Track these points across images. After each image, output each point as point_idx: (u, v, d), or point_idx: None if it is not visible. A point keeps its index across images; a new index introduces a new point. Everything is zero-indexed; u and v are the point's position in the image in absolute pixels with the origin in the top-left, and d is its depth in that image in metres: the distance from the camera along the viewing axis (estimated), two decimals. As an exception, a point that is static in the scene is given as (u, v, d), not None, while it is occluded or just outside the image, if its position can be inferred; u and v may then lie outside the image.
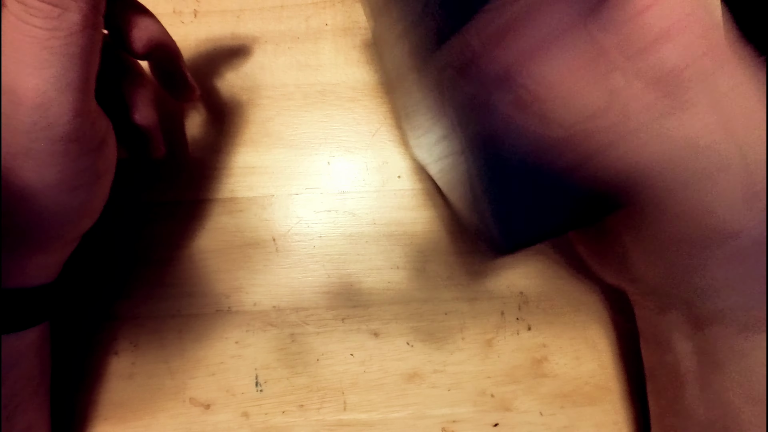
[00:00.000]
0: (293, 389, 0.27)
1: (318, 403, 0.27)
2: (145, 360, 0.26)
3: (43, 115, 0.16)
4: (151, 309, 0.27)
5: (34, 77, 0.15)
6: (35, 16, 0.15)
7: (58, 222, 0.19)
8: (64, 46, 0.15)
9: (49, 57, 0.15)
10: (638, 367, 0.27)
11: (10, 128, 0.16)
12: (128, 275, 0.27)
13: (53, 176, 0.17)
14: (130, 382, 0.26)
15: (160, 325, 0.27)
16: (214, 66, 0.29)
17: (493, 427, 0.27)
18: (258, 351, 0.27)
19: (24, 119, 0.16)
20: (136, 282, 0.27)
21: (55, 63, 0.15)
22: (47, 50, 0.15)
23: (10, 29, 0.15)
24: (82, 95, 0.17)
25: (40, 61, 0.15)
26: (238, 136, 0.28)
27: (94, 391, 0.26)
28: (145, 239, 0.27)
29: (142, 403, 0.26)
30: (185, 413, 0.26)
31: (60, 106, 0.16)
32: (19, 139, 0.16)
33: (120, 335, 0.27)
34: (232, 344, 0.27)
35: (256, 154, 0.28)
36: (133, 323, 0.27)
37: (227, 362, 0.27)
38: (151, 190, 0.27)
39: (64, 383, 0.25)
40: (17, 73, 0.15)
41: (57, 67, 0.15)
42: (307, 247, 0.27)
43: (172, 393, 0.26)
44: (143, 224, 0.27)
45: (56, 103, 0.16)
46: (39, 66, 0.15)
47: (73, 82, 0.16)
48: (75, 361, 0.26)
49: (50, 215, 0.18)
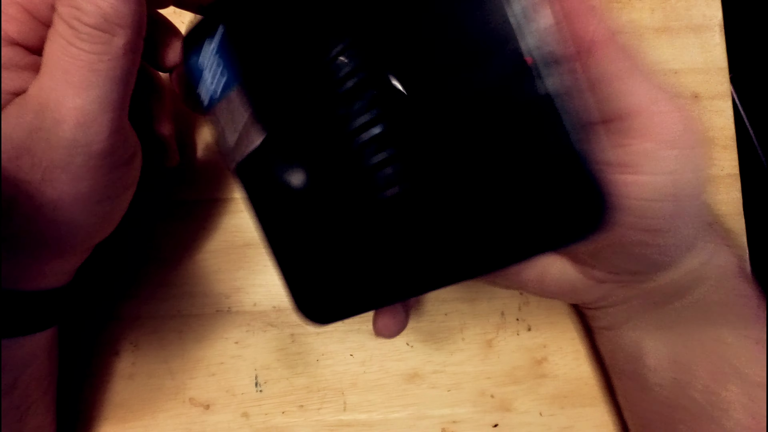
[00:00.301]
0: (293, 389, 0.27)
1: (318, 404, 0.27)
2: (145, 360, 0.26)
3: (84, 133, 0.16)
4: (152, 309, 0.27)
5: (79, 97, 0.16)
6: (85, 41, 0.15)
7: (84, 231, 0.19)
8: (109, 69, 0.16)
9: (94, 79, 0.16)
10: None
11: (50, 143, 0.16)
12: (128, 275, 0.27)
13: (86, 188, 0.18)
14: (131, 382, 0.26)
15: (160, 325, 0.27)
16: (215, 66, 0.29)
17: (493, 428, 0.27)
18: (258, 351, 0.27)
19: (66, 135, 0.16)
20: (136, 282, 0.27)
21: (99, 84, 0.16)
22: (94, 73, 0.16)
23: (59, 51, 0.16)
24: (120, 114, 0.17)
25: (86, 82, 0.16)
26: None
27: (94, 391, 0.26)
28: (145, 240, 0.27)
29: (142, 403, 0.26)
30: (185, 413, 0.26)
31: (100, 125, 0.17)
32: (58, 154, 0.16)
33: (120, 335, 0.27)
34: (232, 344, 0.27)
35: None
36: (133, 323, 0.27)
37: (227, 362, 0.27)
38: (151, 191, 0.27)
39: (65, 383, 0.25)
40: (62, 92, 0.16)
41: (101, 88, 0.16)
42: (307, 248, 0.27)
43: (172, 393, 0.26)
44: (143, 225, 0.27)
45: (97, 122, 0.17)
46: (84, 87, 0.16)
47: (114, 102, 0.17)
48: (75, 361, 0.26)
49: (78, 224, 0.19)
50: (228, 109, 0.18)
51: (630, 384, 0.23)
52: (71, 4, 0.15)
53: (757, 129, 0.62)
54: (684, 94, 0.28)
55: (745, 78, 0.61)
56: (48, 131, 0.16)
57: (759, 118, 0.62)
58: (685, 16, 0.29)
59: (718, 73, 0.28)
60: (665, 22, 0.29)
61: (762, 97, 0.61)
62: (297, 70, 0.16)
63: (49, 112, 0.16)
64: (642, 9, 0.29)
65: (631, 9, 0.29)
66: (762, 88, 0.61)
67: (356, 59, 0.15)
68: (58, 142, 0.16)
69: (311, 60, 0.16)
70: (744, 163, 0.28)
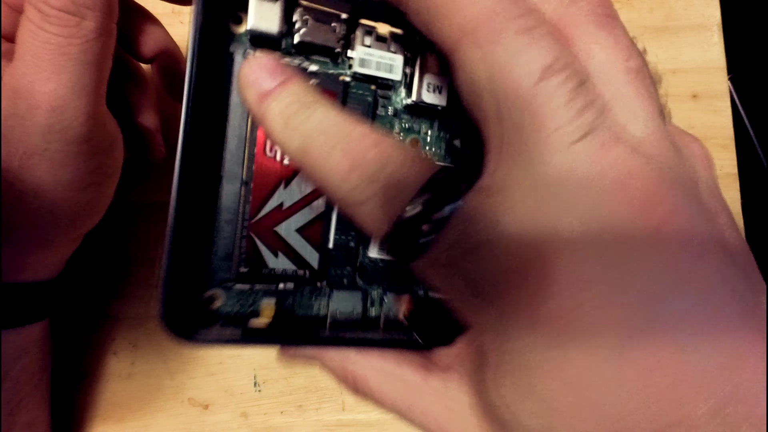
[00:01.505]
0: (292, 389, 0.27)
1: (317, 403, 0.27)
2: (144, 360, 0.26)
3: (59, 118, 0.16)
4: (150, 309, 0.27)
5: (51, 82, 0.16)
6: (53, 24, 0.15)
7: (67, 219, 0.19)
8: (80, 53, 0.16)
9: (65, 63, 0.16)
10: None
11: (26, 129, 0.16)
12: (128, 275, 0.27)
13: (66, 175, 0.18)
14: (129, 382, 0.26)
15: (159, 326, 0.27)
16: (213, 66, 0.29)
17: None
18: (257, 351, 0.27)
19: (40, 121, 0.16)
20: (135, 282, 0.27)
21: (71, 68, 0.16)
22: (64, 56, 0.16)
23: (29, 36, 0.16)
24: (96, 99, 0.17)
25: (58, 66, 0.16)
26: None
27: (93, 391, 0.26)
28: (144, 239, 0.27)
29: (141, 403, 0.26)
30: (184, 413, 0.26)
31: (75, 110, 0.17)
32: (34, 140, 0.16)
33: (119, 335, 0.27)
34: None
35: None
36: (132, 323, 0.27)
37: (226, 362, 0.27)
38: (150, 189, 0.27)
39: (64, 383, 0.25)
40: (34, 77, 0.16)
41: (73, 72, 0.16)
42: (306, 247, 0.27)
43: (171, 393, 0.26)
44: (142, 224, 0.27)
45: (72, 106, 0.16)
46: (56, 71, 0.16)
47: (87, 86, 0.17)
48: (74, 361, 0.26)
49: (60, 212, 0.18)
50: None
51: None
52: None
53: (756, 128, 0.62)
54: (683, 94, 0.28)
55: (744, 77, 0.61)
56: (23, 117, 0.16)
57: (758, 117, 0.62)
58: (684, 16, 0.29)
59: (717, 73, 0.28)
60: (664, 22, 0.29)
61: (761, 97, 0.61)
62: None
63: (23, 99, 0.16)
64: (641, 8, 0.29)
65: (631, 8, 0.29)
66: (761, 87, 0.61)
67: None
68: (34, 129, 0.16)
69: None
70: (743, 162, 0.28)
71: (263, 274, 0.17)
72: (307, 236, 0.17)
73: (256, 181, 0.16)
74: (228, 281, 0.17)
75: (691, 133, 0.13)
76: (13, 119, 0.16)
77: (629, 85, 0.11)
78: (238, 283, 0.17)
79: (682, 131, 0.13)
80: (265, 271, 0.17)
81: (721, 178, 0.28)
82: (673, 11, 0.29)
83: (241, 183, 0.16)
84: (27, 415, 0.22)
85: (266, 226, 0.17)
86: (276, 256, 0.17)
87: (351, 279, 0.18)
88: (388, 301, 0.18)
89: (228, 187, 0.16)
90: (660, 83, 0.28)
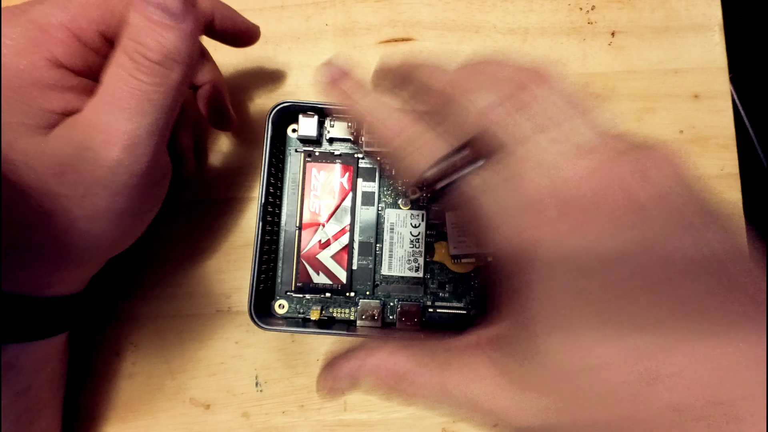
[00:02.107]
0: (293, 389, 0.27)
1: (318, 404, 0.27)
2: (145, 360, 0.26)
3: (129, 155, 0.18)
4: (152, 309, 0.27)
5: (131, 123, 0.17)
6: (145, 74, 0.17)
7: (110, 243, 0.20)
8: (162, 99, 0.17)
9: (148, 107, 0.17)
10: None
11: (97, 162, 0.17)
12: (128, 276, 0.27)
13: (121, 205, 0.19)
14: (131, 382, 0.26)
15: (160, 326, 0.27)
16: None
17: (493, 428, 0.27)
18: (258, 351, 0.27)
19: (112, 156, 0.17)
20: (136, 282, 0.27)
21: (152, 113, 0.17)
22: (148, 102, 0.17)
23: (117, 79, 0.17)
24: (163, 139, 0.19)
25: (140, 110, 0.17)
26: (238, 135, 0.28)
27: (94, 391, 0.26)
28: (145, 240, 0.27)
29: (142, 403, 0.26)
30: (185, 413, 0.26)
31: (145, 148, 0.18)
32: (102, 173, 0.18)
33: (120, 335, 0.27)
34: (232, 344, 0.27)
35: (256, 153, 0.28)
36: (133, 323, 0.27)
37: (227, 362, 0.27)
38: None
39: (66, 383, 0.25)
40: (116, 116, 0.17)
41: (153, 116, 0.17)
42: (307, 248, 0.27)
43: (172, 393, 0.26)
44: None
45: (143, 145, 0.18)
46: (138, 114, 0.17)
47: (160, 128, 0.18)
48: (76, 361, 0.26)
49: (106, 237, 0.20)
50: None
51: None
52: (136, 40, 0.16)
53: (756, 129, 0.62)
54: (685, 94, 0.28)
55: (745, 78, 0.61)
56: (96, 151, 0.17)
57: (759, 117, 0.62)
58: (685, 16, 0.29)
59: (718, 73, 0.28)
60: (665, 22, 0.29)
61: (762, 97, 0.61)
62: None
63: (99, 134, 0.17)
64: (642, 8, 0.29)
65: (632, 8, 0.29)
66: (762, 87, 0.61)
67: None
68: (105, 162, 0.17)
69: None
70: (744, 162, 0.28)
71: (310, 287, 0.25)
72: (337, 260, 0.25)
73: (304, 227, 0.26)
74: (289, 292, 0.26)
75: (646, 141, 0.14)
76: (86, 152, 0.17)
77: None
78: (295, 293, 0.26)
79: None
80: (312, 285, 0.25)
81: (722, 178, 0.28)
82: (675, 11, 0.29)
83: (296, 228, 0.26)
84: (45, 422, 0.22)
85: (311, 255, 0.26)
86: (318, 275, 0.25)
87: (371, 290, 0.26)
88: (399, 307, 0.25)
89: (288, 231, 0.26)
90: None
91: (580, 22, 0.29)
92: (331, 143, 0.26)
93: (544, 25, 0.29)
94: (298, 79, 0.29)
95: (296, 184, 0.26)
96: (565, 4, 0.29)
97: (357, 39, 0.29)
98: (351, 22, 0.29)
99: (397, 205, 0.26)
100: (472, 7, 0.29)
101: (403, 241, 0.26)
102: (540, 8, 0.29)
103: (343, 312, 0.26)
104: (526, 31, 0.29)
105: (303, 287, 0.25)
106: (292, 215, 0.26)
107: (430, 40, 0.29)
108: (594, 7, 0.29)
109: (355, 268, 0.26)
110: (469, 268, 0.25)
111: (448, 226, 0.24)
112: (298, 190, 0.26)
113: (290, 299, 0.26)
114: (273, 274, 0.26)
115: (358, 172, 0.26)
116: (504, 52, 0.17)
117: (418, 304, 0.25)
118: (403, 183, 0.23)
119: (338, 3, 0.29)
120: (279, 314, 0.26)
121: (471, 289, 0.26)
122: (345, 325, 0.25)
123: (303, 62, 0.29)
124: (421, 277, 0.26)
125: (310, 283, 0.25)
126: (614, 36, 0.29)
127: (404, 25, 0.29)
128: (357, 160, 0.26)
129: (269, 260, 0.25)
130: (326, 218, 0.25)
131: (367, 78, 0.19)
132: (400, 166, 0.16)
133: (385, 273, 0.26)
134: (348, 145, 0.26)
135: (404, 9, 0.29)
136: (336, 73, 0.18)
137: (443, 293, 0.26)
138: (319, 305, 0.26)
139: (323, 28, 0.29)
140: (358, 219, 0.26)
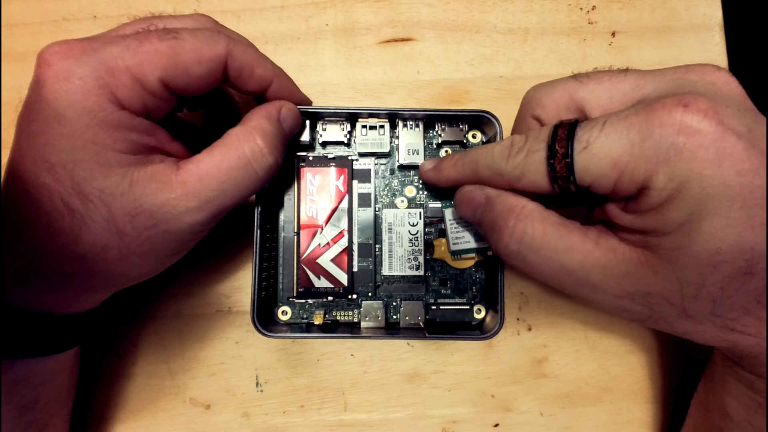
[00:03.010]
0: (294, 389, 0.27)
1: (318, 404, 0.27)
2: (145, 360, 0.26)
3: (205, 224, 0.20)
4: (152, 309, 0.27)
5: (196, 215, 0.19)
6: (257, 163, 0.20)
7: (146, 276, 0.21)
8: (251, 187, 0.20)
9: (234, 191, 0.20)
10: (637, 368, 0.27)
11: (178, 218, 0.19)
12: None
13: (174, 250, 0.21)
14: (131, 382, 0.26)
15: (160, 326, 0.27)
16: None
17: (494, 428, 0.27)
18: (258, 351, 0.27)
19: (195, 220, 0.19)
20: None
21: (235, 196, 0.20)
22: (236, 186, 0.20)
23: (221, 160, 0.19)
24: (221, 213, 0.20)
25: (207, 200, 0.19)
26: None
27: (94, 391, 0.26)
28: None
29: (142, 403, 0.26)
30: (185, 413, 0.26)
31: (217, 219, 0.20)
32: (177, 227, 0.19)
33: (120, 335, 0.27)
34: (232, 344, 0.27)
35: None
36: (133, 323, 0.27)
37: (227, 362, 0.27)
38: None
39: (75, 394, 0.25)
40: (184, 210, 0.19)
41: (235, 199, 0.20)
42: (307, 248, 0.27)
43: (172, 393, 0.26)
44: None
45: (218, 217, 0.20)
46: (206, 202, 0.19)
47: (226, 209, 0.20)
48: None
49: (146, 274, 0.21)
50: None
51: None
52: (265, 117, 0.21)
53: (756, 129, 0.62)
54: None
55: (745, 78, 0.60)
56: (179, 210, 0.19)
57: (759, 117, 0.62)
58: (686, 16, 0.29)
59: (718, 73, 0.28)
60: (665, 22, 0.29)
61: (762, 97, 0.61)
62: None
63: (192, 199, 0.19)
64: (642, 9, 0.29)
65: (632, 8, 0.29)
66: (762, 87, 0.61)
67: None
68: (183, 220, 0.19)
69: None
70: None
71: (312, 292, 0.25)
72: (337, 263, 0.25)
73: (302, 232, 0.25)
74: (291, 298, 0.25)
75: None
76: (170, 207, 0.19)
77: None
78: (298, 299, 0.25)
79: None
80: (314, 290, 0.25)
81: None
82: (675, 11, 0.29)
83: (294, 233, 0.25)
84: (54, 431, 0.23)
85: (311, 259, 0.25)
86: (319, 279, 0.25)
87: (373, 292, 0.26)
88: (404, 308, 0.25)
89: (286, 237, 0.26)
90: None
91: (580, 22, 0.29)
92: (324, 147, 0.26)
93: (544, 25, 0.29)
94: (298, 79, 0.29)
95: (292, 190, 0.26)
96: (565, 4, 0.29)
97: (357, 39, 0.29)
98: (351, 22, 0.29)
99: (394, 204, 0.26)
100: (472, 7, 0.29)
101: (402, 241, 0.26)
102: (540, 8, 0.29)
103: (347, 315, 0.26)
104: (526, 31, 0.29)
105: (305, 292, 0.25)
106: (290, 221, 0.26)
107: (430, 40, 0.29)
108: (594, 7, 0.29)
109: (356, 270, 0.25)
110: (470, 264, 0.25)
111: (446, 223, 0.24)
112: (294, 196, 0.25)
113: (293, 305, 0.26)
114: (274, 280, 0.25)
115: (353, 174, 0.26)
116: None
117: (421, 303, 0.25)
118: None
119: (338, 3, 0.29)
120: (282, 321, 0.25)
121: (473, 284, 0.26)
122: (349, 328, 0.25)
123: (303, 62, 0.29)
124: (422, 275, 0.25)
125: (312, 288, 0.25)
126: (614, 36, 0.29)
127: (404, 25, 0.29)
128: (351, 162, 0.26)
129: (269, 267, 0.25)
130: (324, 222, 0.25)
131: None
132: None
133: (385, 273, 0.25)
134: (341, 147, 0.26)
135: (404, 9, 0.29)
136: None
137: (445, 290, 0.26)
138: (322, 309, 0.25)
139: (323, 28, 0.29)
140: (356, 221, 0.26)
